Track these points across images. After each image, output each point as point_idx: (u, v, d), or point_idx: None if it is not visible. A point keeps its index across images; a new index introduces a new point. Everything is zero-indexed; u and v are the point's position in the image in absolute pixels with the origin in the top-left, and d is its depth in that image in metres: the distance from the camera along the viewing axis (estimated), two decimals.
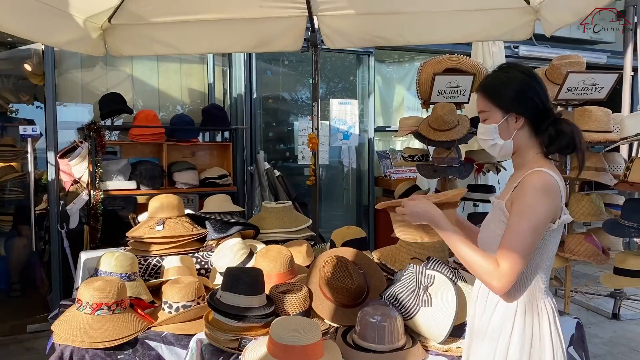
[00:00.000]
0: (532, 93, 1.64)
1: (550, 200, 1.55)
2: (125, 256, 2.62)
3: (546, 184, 1.56)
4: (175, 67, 4.96)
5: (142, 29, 3.82)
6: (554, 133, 1.63)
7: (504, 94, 1.65)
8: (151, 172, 4.14)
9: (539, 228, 1.55)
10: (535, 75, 1.67)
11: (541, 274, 1.65)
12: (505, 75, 1.69)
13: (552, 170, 1.59)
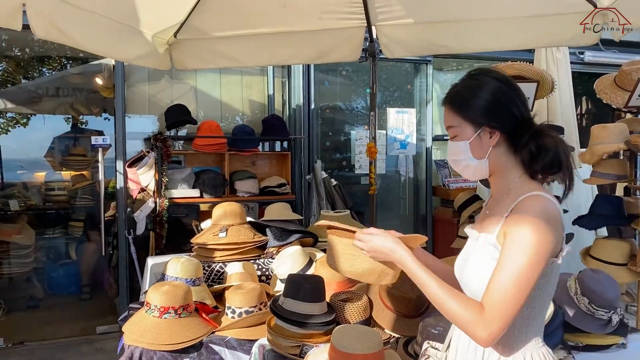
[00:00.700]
0: (507, 102, 1.38)
1: (551, 231, 1.28)
2: (191, 262, 2.71)
3: (548, 212, 1.29)
4: (236, 79, 5.11)
5: (206, 43, 3.95)
6: (535, 148, 1.35)
7: (474, 105, 1.39)
8: (214, 180, 4.27)
9: (540, 265, 1.26)
10: (510, 82, 1.42)
11: (540, 319, 1.38)
12: (476, 83, 1.42)
13: (549, 195, 1.34)
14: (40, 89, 6.37)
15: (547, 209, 1.30)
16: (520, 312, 1.28)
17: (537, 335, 1.38)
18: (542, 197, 1.32)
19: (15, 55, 6.42)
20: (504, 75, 1.44)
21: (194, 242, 3.18)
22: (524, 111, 1.39)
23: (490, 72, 1.45)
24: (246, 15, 3.76)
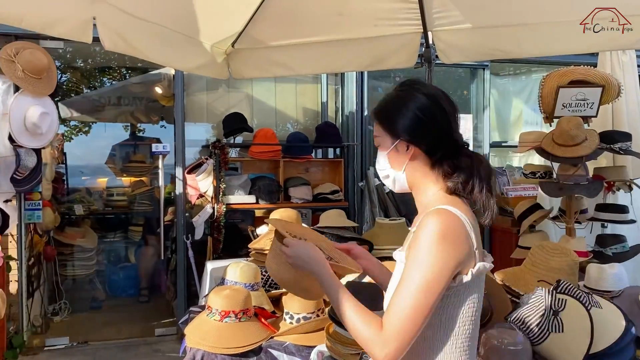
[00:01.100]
0: (427, 118, 1.32)
1: (450, 247, 1.21)
2: (249, 267, 2.76)
3: (445, 227, 1.22)
4: (290, 88, 5.17)
5: (263, 52, 4.02)
6: (448, 167, 1.32)
7: (393, 117, 1.35)
8: (269, 187, 4.33)
9: (439, 283, 1.20)
10: (436, 97, 1.35)
11: (459, 343, 1.27)
12: (399, 95, 1.38)
13: (459, 209, 1.26)
14: (102, 98, 6.65)
15: (446, 223, 1.23)
16: (421, 332, 1.22)
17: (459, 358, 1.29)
18: (443, 211, 1.25)
19: (79, 66, 6.75)
20: (432, 89, 1.39)
21: (251, 248, 3.22)
22: (446, 128, 1.34)
23: (418, 84, 1.40)
24: (302, 24, 3.80)
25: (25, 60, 3.89)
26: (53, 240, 5.18)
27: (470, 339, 1.29)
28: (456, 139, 1.35)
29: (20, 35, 4.16)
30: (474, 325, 1.29)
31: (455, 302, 1.26)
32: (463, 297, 1.26)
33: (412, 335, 1.20)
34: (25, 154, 3.99)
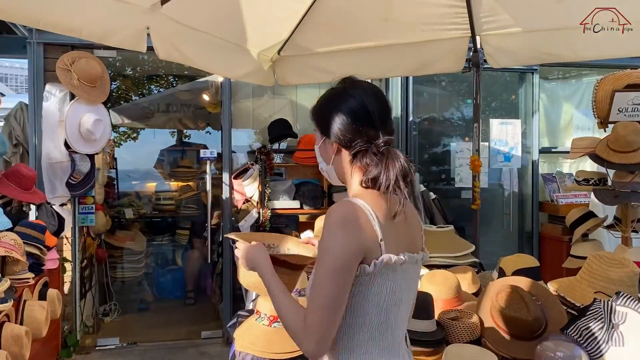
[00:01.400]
0: (347, 117, 1.35)
1: (349, 235, 1.23)
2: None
3: (345, 216, 1.25)
4: None
5: (308, 59, 4.05)
6: (363, 164, 1.35)
7: (321, 114, 1.43)
8: (313, 192, 4.35)
9: (342, 271, 1.22)
10: (362, 97, 1.37)
11: (368, 331, 1.30)
12: (330, 93, 1.45)
13: (368, 201, 1.29)
14: (152, 105, 6.84)
15: (347, 213, 1.26)
16: (338, 321, 1.25)
17: (369, 347, 1.31)
18: (346, 202, 1.29)
19: (129, 74, 6.96)
20: (360, 89, 1.39)
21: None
22: (363, 126, 1.35)
23: (349, 82, 1.43)
24: (347, 30, 3.81)
25: (80, 69, 4.05)
26: (104, 243, 5.35)
27: (381, 328, 1.31)
28: (375, 136, 1.35)
29: (76, 45, 4.32)
30: (385, 316, 1.31)
31: (361, 290, 1.28)
32: (369, 287, 1.28)
33: (330, 323, 1.23)
34: (79, 160, 4.14)
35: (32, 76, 4.24)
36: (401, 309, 1.35)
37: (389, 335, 1.33)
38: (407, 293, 1.36)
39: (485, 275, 3.08)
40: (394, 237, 1.31)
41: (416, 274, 1.42)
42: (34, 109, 4.25)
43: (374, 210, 1.28)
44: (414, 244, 1.39)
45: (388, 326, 1.32)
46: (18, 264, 3.02)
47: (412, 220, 1.41)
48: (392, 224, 1.31)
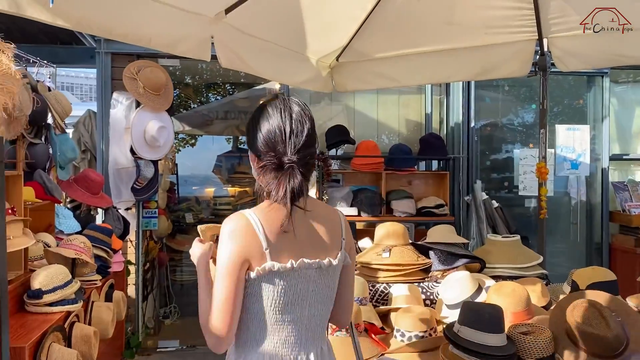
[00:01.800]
0: (261, 131, 1.46)
1: (234, 244, 1.39)
2: (357, 281, 2.73)
3: (233, 228, 1.41)
4: (393, 99, 5.13)
5: (366, 64, 4.02)
6: (265, 179, 1.46)
7: (247, 125, 1.56)
8: (371, 199, 4.30)
9: (227, 274, 1.39)
10: (278, 115, 1.46)
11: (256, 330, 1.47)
12: (258, 107, 1.54)
13: (258, 212, 1.43)
14: (211, 113, 6.99)
15: (233, 225, 1.41)
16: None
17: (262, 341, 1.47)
18: (237, 215, 1.44)
19: (189, 82, 7.14)
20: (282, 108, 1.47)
21: (357, 261, 3.20)
22: (277, 145, 1.44)
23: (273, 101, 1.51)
24: (408, 35, 3.75)
25: (145, 78, 4.18)
26: (165, 246, 5.49)
27: (275, 326, 1.46)
28: (283, 154, 1.44)
29: (142, 55, 4.47)
30: (280, 315, 1.45)
31: (251, 292, 1.43)
32: (254, 291, 1.43)
33: (226, 321, 1.39)
34: (144, 165, 4.27)
35: (100, 85, 4.42)
36: (303, 309, 1.48)
37: (285, 332, 1.47)
38: (310, 295, 1.48)
39: (554, 288, 2.94)
40: (284, 246, 1.43)
41: (323, 278, 1.51)
42: (102, 116, 4.42)
43: (263, 221, 1.42)
44: (315, 252, 1.48)
45: (284, 324, 1.46)
46: (87, 266, 3.13)
47: (314, 231, 1.50)
48: (284, 235, 1.43)
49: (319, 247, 1.49)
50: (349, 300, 1.65)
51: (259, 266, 1.40)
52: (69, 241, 3.06)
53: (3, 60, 2.39)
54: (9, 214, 2.63)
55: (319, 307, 1.52)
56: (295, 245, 1.45)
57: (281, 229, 1.42)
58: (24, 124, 3.21)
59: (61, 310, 2.70)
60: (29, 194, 3.09)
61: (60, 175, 3.72)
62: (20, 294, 2.75)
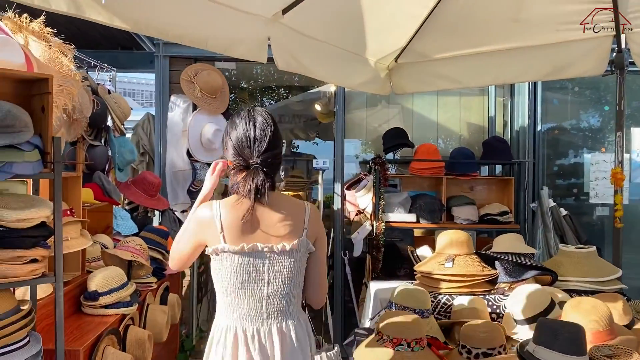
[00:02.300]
0: (231, 138, 1.78)
1: (197, 225, 1.77)
2: (420, 291, 2.58)
3: (199, 212, 1.77)
4: (454, 101, 4.93)
5: (426, 65, 3.87)
6: (234, 177, 1.76)
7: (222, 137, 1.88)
8: (431, 205, 4.11)
9: (187, 240, 1.81)
10: (245, 124, 1.76)
11: (220, 294, 1.79)
12: (231, 117, 1.85)
13: (223, 203, 1.74)
14: None
15: (197, 212, 1.78)
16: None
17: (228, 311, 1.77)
18: (205, 204, 1.79)
19: (244, 86, 7.16)
20: (248, 119, 1.78)
21: (417, 270, 3.04)
22: (240, 144, 1.75)
23: (242, 113, 1.83)
24: (471, 34, 3.58)
25: (203, 81, 4.18)
26: None
27: (237, 300, 1.75)
28: (249, 157, 1.74)
29: (199, 58, 4.48)
30: (238, 290, 1.74)
31: (215, 268, 1.77)
32: (217, 266, 1.76)
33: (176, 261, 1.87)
34: (200, 168, 4.26)
35: (158, 88, 4.46)
36: (262, 287, 1.75)
37: (247, 305, 1.75)
38: (266, 274, 1.75)
39: (636, 304, 2.68)
40: (240, 232, 1.71)
41: (278, 260, 1.76)
42: (160, 119, 4.45)
43: (223, 211, 1.72)
44: (269, 238, 1.74)
45: (245, 299, 1.75)
46: (143, 268, 3.12)
47: (272, 221, 1.75)
48: (242, 223, 1.71)
49: (274, 235, 1.75)
50: (316, 282, 1.87)
51: (215, 246, 1.72)
52: (125, 243, 3.07)
53: (63, 62, 2.40)
54: (67, 215, 2.65)
55: (278, 286, 1.76)
56: (251, 232, 1.73)
57: (242, 220, 1.70)
58: (84, 126, 3.25)
59: (116, 313, 2.69)
60: (88, 196, 3.12)
61: (119, 177, 3.76)
62: (77, 295, 2.77)
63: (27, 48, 2.37)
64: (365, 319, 3.25)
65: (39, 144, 1.96)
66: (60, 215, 1.99)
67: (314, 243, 1.82)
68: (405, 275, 4.30)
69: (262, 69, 6.74)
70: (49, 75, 2.00)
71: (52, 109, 2.02)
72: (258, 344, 1.72)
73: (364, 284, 4.03)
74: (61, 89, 2.46)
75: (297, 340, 1.77)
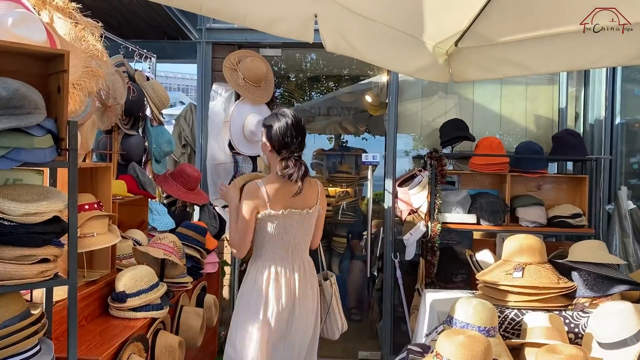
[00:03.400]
0: (276, 132, 2.41)
1: (248, 199, 2.37)
2: (484, 306, 2.22)
3: (247, 189, 2.40)
4: (519, 90, 4.48)
5: (490, 50, 3.49)
6: (283, 165, 2.40)
7: (266, 127, 2.46)
8: (493, 205, 3.70)
9: (241, 220, 2.39)
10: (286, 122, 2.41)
11: (261, 251, 2.46)
12: (273, 115, 2.48)
13: (266, 181, 2.40)
14: (313, 109, 6.70)
15: (248, 187, 2.40)
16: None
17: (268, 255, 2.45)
18: (252, 182, 2.41)
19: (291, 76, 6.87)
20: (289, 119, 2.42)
21: (480, 280, 2.67)
22: (289, 144, 2.40)
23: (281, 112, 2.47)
24: (542, 13, 3.15)
25: (246, 68, 3.94)
26: None
27: (275, 246, 2.44)
28: (293, 150, 2.41)
29: (243, 44, 4.24)
30: (276, 241, 2.43)
31: (260, 227, 2.41)
32: (262, 226, 2.40)
33: (242, 239, 2.41)
34: (242, 161, 4.03)
35: (200, 76, 4.24)
36: (290, 238, 2.45)
37: (281, 251, 2.43)
38: (294, 230, 2.44)
39: None
40: (280, 201, 2.38)
41: (303, 220, 2.46)
42: (202, 109, 4.24)
43: (267, 186, 2.37)
44: (299, 205, 2.44)
45: (279, 246, 2.43)
46: (176, 267, 2.89)
47: (305, 196, 2.45)
48: (281, 195, 2.39)
49: (302, 202, 2.44)
50: (317, 233, 2.64)
51: (263, 211, 2.36)
52: (158, 240, 2.84)
53: (89, 39, 2.17)
54: (94, 208, 2.44)
55: (300, 237, 2.48)
56: (288, 200, 2.40)
57: (292, 196, 2.40)
58: (119, 114, 3.06)
59: (145, 317, 2.47)
60: (121, 188, 2.91)
61: (156, 169, 3.56)
62: (106, 295, 2.56)
63: (51, 26, 2.17)
64: (419, 332, 2.91)
65: (52, 128, 1.72)
66: (76, 210, 1.76)
67: (321, 208, 2.57)
68: (461, 281, 3.92)
69: (310, 58, 6.44)
70: (64, 51, 1.77)
71: (67, 89, 1.79)
72: (284, 278, 2.42)
73: (416, 291, 3.68)
74: (87, 70, 2.25)
75: (309, 275, 2.54)
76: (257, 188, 2.34)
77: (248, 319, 2.41)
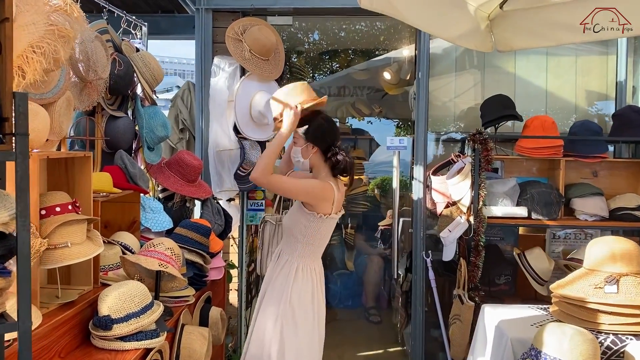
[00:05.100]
0: (323, 134, 2.44)
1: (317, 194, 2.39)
2: (583, 337, 1.68)
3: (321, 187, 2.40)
4: (568, 62, 3.89)
5: (542, 12, 2.97)
6: (334, 161, 2.41)
7: (309, 130, 2.44)
8: (546, 196, 3.14)
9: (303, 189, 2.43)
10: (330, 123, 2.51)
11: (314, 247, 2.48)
12: (312, 117, 2.45)
13: (333, 184, 2.41)
14: (323, 89, 6.11)
15: (324, 185, 2.40)
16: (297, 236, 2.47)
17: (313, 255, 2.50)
18: (327, 184, 2.40)
19: (302, 49, 6.22)
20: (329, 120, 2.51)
21: (556, 293, 2.13)
22: (333, 140, 2.45)
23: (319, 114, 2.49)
24: None
25: (252, 39, 3.38)
26: None
27: (319, 247, 2.52)
28: (337, 147, 2.44)
29: (248, 11, 3.65)
30: (320, 242, 2.51)
31: (314, 226, 2.43)
32: (318, 225, 2.43)
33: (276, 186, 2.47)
34: (250, 147, 3.49)
35: (199, 49, 3.64)
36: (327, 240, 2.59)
37: (319, 251, 2.55)
38: (330, 233, 2.58)
39: None
40: (337, 202, 2.45)
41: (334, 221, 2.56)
42: (201, 88, 3.65)
43: (335, 187, 2.42)
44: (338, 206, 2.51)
45: (321, 247, 2.54)
46: (175, 280, 2.35)
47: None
48: (342, 199, 2.51)
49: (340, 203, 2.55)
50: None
51: (327, 213, 2.43)
52: (152, 246, 2.29)
53: None
54: (68, 210, 1.89)
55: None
56: (339, 202, 2.50)
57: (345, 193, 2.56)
58: (102, 91, 2.49)
59: (136, 347, 1.93)
60: (105, 182, 2.35)
61: (149, 158, 2.99)
62: (87, 319, 2.03)
63: None
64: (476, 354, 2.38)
65: None
66: (27, 221, 1.21)
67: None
68: (505, 284, 3.41)
69: (322, 31, 5.80)
70: None
71: (12, 46, 1.23)
72: (319, 275, 2.52)
73: (457, 297, 3.14)
74: (51, 29, 1.69)
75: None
76: (332, 191, 2.39)
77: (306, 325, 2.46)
